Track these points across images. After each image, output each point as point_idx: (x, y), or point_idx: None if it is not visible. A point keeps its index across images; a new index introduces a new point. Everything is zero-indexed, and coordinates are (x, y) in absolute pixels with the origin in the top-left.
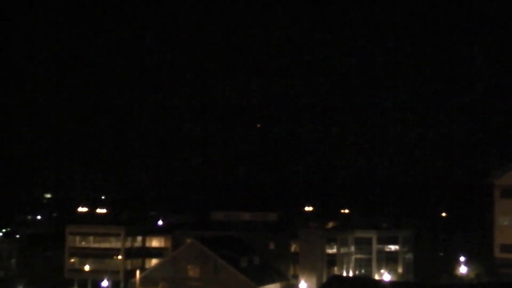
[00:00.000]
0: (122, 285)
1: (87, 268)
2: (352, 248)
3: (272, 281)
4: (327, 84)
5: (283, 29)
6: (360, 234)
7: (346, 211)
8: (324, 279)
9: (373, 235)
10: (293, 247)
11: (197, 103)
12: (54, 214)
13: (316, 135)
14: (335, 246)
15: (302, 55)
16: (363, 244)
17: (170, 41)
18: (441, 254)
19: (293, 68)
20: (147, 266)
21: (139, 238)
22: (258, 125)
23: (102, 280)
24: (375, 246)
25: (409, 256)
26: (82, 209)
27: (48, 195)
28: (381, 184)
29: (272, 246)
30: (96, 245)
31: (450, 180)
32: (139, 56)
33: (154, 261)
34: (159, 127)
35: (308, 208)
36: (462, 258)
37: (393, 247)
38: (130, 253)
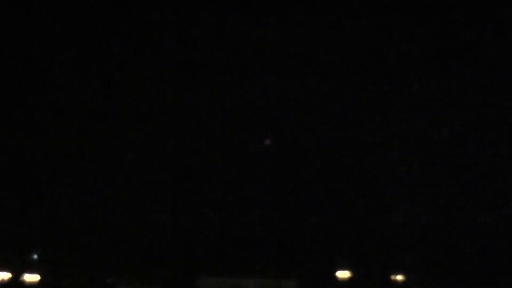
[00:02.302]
0: None
1: None
2: None
3: None
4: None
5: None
6: None
7: (399, 277)
8: None
9: None
10: None
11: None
12: None
13: (350, 161)
14: None
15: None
16: None
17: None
18: None
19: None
20: None
21: None
22: (267, 142)
23: None
24: None
25: None
26: (1, 274)
27: None
28: (453, 235)
29: None
30: None
31: None
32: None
33: None
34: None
35: (343, 272)
36: None
37: None
38: None
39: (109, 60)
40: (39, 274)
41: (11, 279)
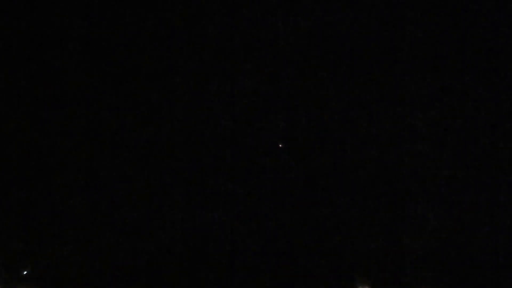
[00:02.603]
0: None
1: None
2: None
3: None
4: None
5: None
6: None
7: None
8: None
9: None
10: None
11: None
12: None
13: (373, 174)
14: None
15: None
16: None
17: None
18: None
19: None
20: None
21: None
22: (280, 145)
23: None
24: None
25: None
26: None
27: None
28: (478, 252)
29: None
30: None
31: None
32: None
33: None
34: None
35: None
36: None
37: None
38: None
39: (112, 54)
40: None
41: None
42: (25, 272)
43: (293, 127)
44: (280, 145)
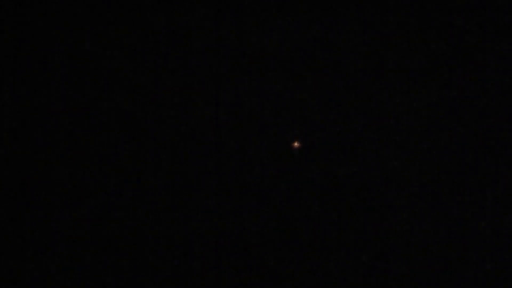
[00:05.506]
0: None
1: None
2: None
3: None
4: None
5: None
6: None
7: None
8: None
9: None
10: None
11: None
12: None
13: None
14: None
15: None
16: None
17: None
18: None
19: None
20: None
21: None
22: (296, 144)
23: None
24: None
25: None
26: None
27: None
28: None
29: None
30: None
31: None
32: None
33: None
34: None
35: None
36: None
37: None
38: None
39: (106, 61)
40: None
41: None
42: None
43: (280, 135)
44: (295, 144)
